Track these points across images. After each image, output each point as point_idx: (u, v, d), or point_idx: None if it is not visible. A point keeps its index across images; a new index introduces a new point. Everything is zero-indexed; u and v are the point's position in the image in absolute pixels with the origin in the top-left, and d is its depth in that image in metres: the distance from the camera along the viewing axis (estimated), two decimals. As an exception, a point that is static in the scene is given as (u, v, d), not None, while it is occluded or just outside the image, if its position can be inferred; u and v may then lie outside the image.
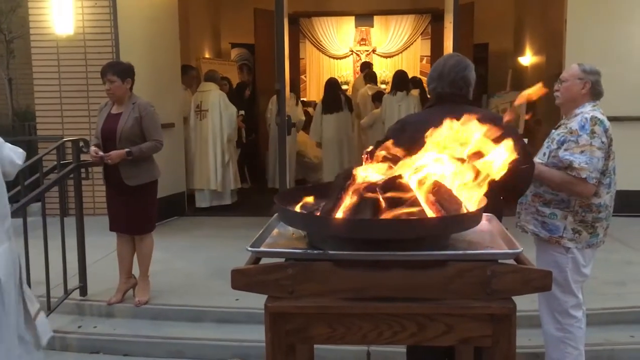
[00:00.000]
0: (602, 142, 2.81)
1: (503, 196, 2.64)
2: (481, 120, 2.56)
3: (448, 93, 2.67)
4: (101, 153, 3.97)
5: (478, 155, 1.83)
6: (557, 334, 3.01)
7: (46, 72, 6.64)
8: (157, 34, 6.40)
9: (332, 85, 8.25)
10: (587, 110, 2.90)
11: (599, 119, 2.84)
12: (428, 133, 1.95)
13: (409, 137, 2.06)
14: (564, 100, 3.00)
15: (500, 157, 1.82)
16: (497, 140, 1.85)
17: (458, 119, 2.34)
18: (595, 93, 2.94)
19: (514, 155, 1.83)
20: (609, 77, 3.20)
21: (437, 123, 1.96)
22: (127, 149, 3.96)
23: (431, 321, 1.70)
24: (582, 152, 2.79)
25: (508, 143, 1.83)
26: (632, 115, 5.82)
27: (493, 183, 1.88)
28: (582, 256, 2.94)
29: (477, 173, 1.82)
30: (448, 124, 1.93)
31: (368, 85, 8.96)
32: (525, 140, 2.92)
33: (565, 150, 2.83)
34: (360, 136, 8.51)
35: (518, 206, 3.11)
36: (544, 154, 2.97)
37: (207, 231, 6.17)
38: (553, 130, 3.05)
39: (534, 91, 1.98)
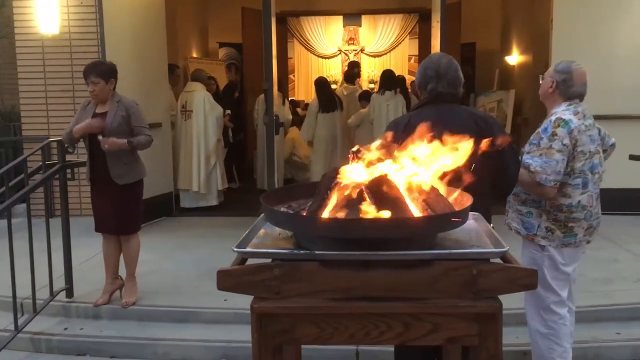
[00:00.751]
0: (563, 144, 2.81)
1: (493, 194, 2.67)
2: (478, 121, 2.61)
3: (448, 93, 2.69)
4: (100, 137, 3.90)
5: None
6: (541, 330, 3.05)
7: (31, 72, 6.57)
8: (143, 33, 6.36)
9: (324, 85, 8.20)
10: (560, 110, 2.91)
11: (564, 120, 2.84)
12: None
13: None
14: (540, 96, 3.07)
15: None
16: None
17: (461, 119, 2.48)
18: (565, 92, 2.93)
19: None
20: (594, 76, 3.22)
21: (452, 123, 2.00)
22: (126, 139, 3.93)
23: (417, 321, 1.70)
24: (540, 155, 2.83)
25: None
26: (618, 113, 5.87)
27: (481, 183, 1.89)
28: (560, 254, 2.96)
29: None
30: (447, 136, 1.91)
31: (344, 85, 8.98)
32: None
33: (527, 152, 2.89)
34: (347, 135, 8.50)
35: (507, 204, 3.15)
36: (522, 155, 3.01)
37: (194, 231, 6.14)
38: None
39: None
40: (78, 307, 4.20)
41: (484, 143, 1.94)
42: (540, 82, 3.06)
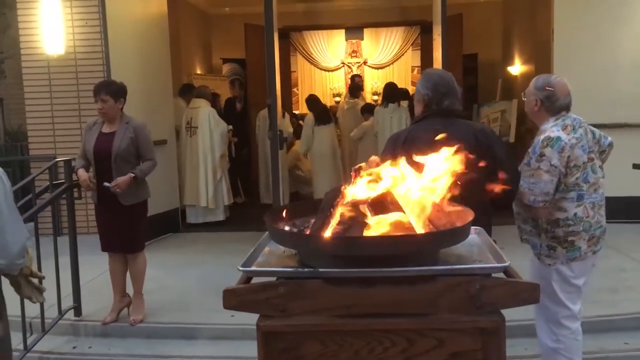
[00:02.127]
0: (552, 165, 2.79)
1: (492, 207, 2.69)
2: (477, 134, 2.66)
3: (456, 108, 2.77)
4: (107, 184, 3.96)
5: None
6: (551, 345, 3.00)
7: (38, 92, 6.65)
8: (148, 51, 6.43)
9: (316, 100, 8.38)
10: (547, 128, 2.89)
11: (553, 138, 2.81)
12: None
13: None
14: (528, 115, 3.07)
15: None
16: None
17: (461, 132, 2.51)
18: (551, 108, 2.90)
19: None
20: (595, 85, 3.25)
21: (453, 137, 2.04)
22: (132, 174, 3.98)
23: (421, 336, 1.71)
24: (530, 175, 2.83)
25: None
26: (618, 122, 5.88)
27: (483, 197, 1.91)
28: (569, 268, 2.93)
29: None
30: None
31: (346, 99, 9.15)
32: None
33: (522, 173, 2.88)
34: (345, 148, 8.59)
35: (517, 220, 3.13)
36: None
37: (201, 247, 6.17)
38: None
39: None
40: (86, 325, 4.22)
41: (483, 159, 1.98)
42: (524, 99, 3.03)
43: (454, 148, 1.89)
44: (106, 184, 3.98)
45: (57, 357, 3.93)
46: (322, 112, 8.03)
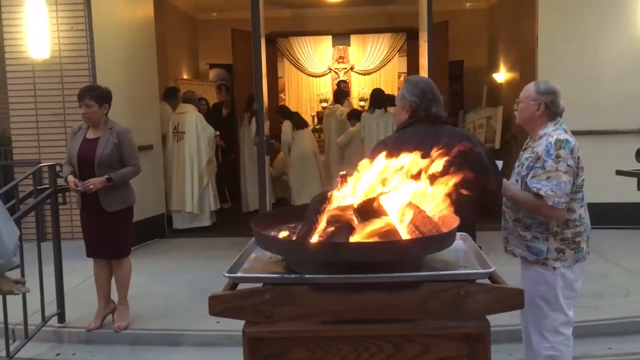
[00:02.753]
0: (568, 166, 2.80)
1: (475, 212, 2.71)
2: (463, 139, 2.70)
3: (444, 115, 2.81)
4: (81, 187, 3.93)
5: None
6: (547, 353, 2.96)
7: (22, 96, 6.59)
8: (134, 56, 6.41)
9: (288, 108, 9.04)
10: (550, 132, 2.88)
11: (563, 140, 2.83)
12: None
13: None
14: (521, 121, 3.02)
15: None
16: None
17: (448, 138, 2.57)
18: (552, 113, 2.92)
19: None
20: (579, 92, 3.29)
21: (441, 142, 2.08)
22: (107, 176, 3.95)
23: (408, 342, 1.72)
24: (548, 178, 2.80)
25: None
26: (601, 129, 5.96)
27: (463, 200, 1.92)
28: (572, 272, 2.94)
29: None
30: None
31: (329, 105, 9.50)
32: (500, 162, 2.93)
33: (533, 177, 2.85)
34: (331, 154, 8.67)
35: (504, 232, 3.11)
36: (517, 180, 2.97)
37: (186, 253, 6.14)
38: (521, 153, 3.06)
39: None
40: (70, 332, 4.18)
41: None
42: (517, 107, 3.01)
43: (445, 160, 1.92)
44: (80, 183, 3.93)
45: (41, 365, 3.89)
46: (297, 118, 8.44)
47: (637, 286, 4.51)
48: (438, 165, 1.91)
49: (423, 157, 1.95)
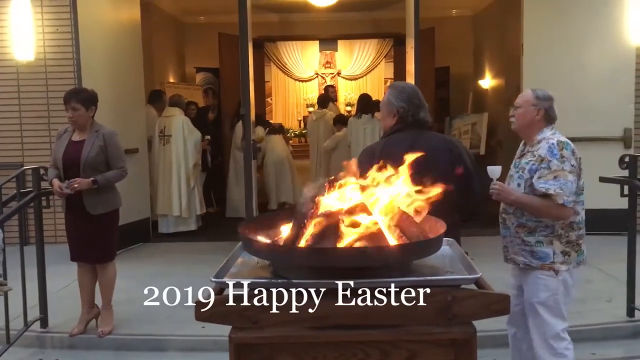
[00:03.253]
0: (572, 165, 2.83)
1: (460, 217, 2.73)
2: (449, 145, 2.74)
3: (430, 120, 2.86)
4: (67, 190, 3.89)
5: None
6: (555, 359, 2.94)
7: (6, 97, 6.51)
8: (120, 59, 6.37)
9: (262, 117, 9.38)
10: (549, 136, 2.92)
11: (564, 142, 2.87)
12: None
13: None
14: (519, 126, 3.02)
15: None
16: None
17: (436, 143, 2.72)
18: (549, 118, 2.97)
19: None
20: (563, 99, 3.31)
21: (429, 148, 2.20)
22: (92, 178, 3.92)
23: (395, 348, 1.72)
24: (555, 177, 2.80)
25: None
26: (584, 136, 6.01)
27: (444, 203, 1.94)
28: (571, 276, 2.95)
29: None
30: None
31: (313, 110, 9.64)
32: (499, 167, 2.92)
33: (539, 178, 2.84)
34: (317, 159, 8.76)
35: (502, 240, 3.09)
36: (518, 185, 2.95)
37: (172, 257, 6.09)
38: (517, 160, 3.05)
39: None
40: (53, 337, 4.13)
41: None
42: (514, 113, 3.02)
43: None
44: (66, 189, 3.88)
45: (22, 370, 3.84)
46: (267, 124, 8.98)
47: (620, 292, 4.54)
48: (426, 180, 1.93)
49: (410, 166, 1.98)
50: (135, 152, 6.43)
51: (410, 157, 1.99)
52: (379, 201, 1.90)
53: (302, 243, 1.78)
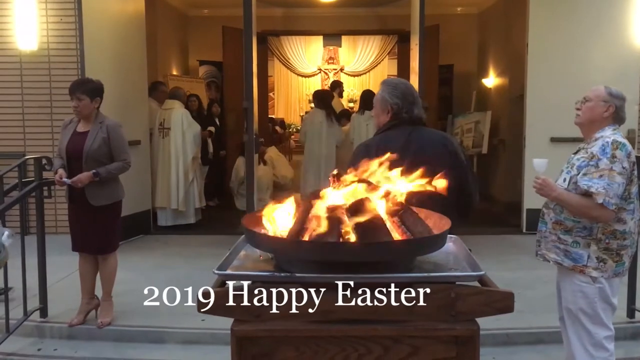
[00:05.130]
0: (623, 168, 2.70)
1: (457, 213, 2.72)
2: (444, 140, 2.74)
3: (423, 117, 2.85)
4: (67, 180, 3.89)
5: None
6: None
7: (8, 87, 6.50)
8: (123, 51, 6.35)
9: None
10: (608, 134, 2.79)
11: (621, 142, 2.74)
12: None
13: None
14: (583, 120, 2.89)
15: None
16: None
17: (432, 139, 2.74)
18: (617, 118, 2.86)
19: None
20: (568, 98, 3.29)
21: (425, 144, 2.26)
22: (94, 171, 3.91)
23: (397, 343, 1.71)
24: (600, 176, 2.69)
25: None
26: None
27: (441, 199, 1.95)
28: (610, 286, 2.82)
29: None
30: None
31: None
32: (545, 160, 2.83)
33: (584, 175, 2.74)
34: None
35: (537, 234, 3.01)
36: (564, 180, 2.85)
37: (172, 250, 6.09)
38: (572, 155, 2.94)
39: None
40: (52, 327, 4.13)
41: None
42: (581, 106, 2.90)
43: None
44: (65, 179, 3.89)
45: (21, 359, 3.83)
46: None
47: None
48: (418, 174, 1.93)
49: (407, 163, 1.98)
50: (138, 144, 6.42)
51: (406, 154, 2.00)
52: (382, 196, 1.89)
53: (306, 237, 1.77)
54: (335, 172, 2.05)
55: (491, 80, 9.58)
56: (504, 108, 8.62)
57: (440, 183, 1.93)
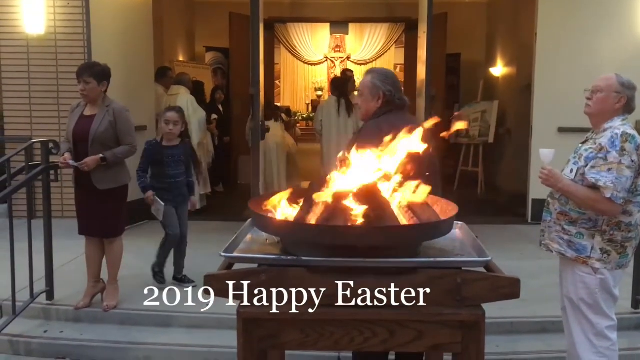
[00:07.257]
0: (632, 161, 2.67)
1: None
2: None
3: (408, 102, 2.99)
4: (73, 162, 3.90)
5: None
6: (594, 358, 2.82)
7: (15, 71, 6.50)
8: (130, 36, 6.34)
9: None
10: (617, 125, 2.76)
11: (630, 134, 2.71)
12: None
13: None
14: (594, 111, 2.85)
15: None
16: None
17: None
18: (628, 108, 2.82)
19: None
20: (577, 88, 3.27)
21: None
22: (101, 155, 3.92)
23: (402, 328, 1.72)
24: (609, 170, 2.66)
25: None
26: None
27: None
28: (612, 277, 2.80)
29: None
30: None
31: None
32: (552, 151, 2.81)
33: (593, 167, 2.71)
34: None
35: (542, 224, 3.00)
36: (571, 170, 2.83)
37: (178, 235, 6.09)
38: (580, 145, 2.91)
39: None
40: (58, 310, 4.15)
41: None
42: (591, 96, 2.85)
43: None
44: (71, 161, 3.90)
45: (28, 341, 3.86)
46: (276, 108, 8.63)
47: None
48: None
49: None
50: (144, 129, 6.42)
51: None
52: (389, 181, 1.89)
53: (313, 220, 1.78)
54: (343, 156, 2.05)
55: (499, 70, 9.53)
56: (511, 98, 8.57)
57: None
